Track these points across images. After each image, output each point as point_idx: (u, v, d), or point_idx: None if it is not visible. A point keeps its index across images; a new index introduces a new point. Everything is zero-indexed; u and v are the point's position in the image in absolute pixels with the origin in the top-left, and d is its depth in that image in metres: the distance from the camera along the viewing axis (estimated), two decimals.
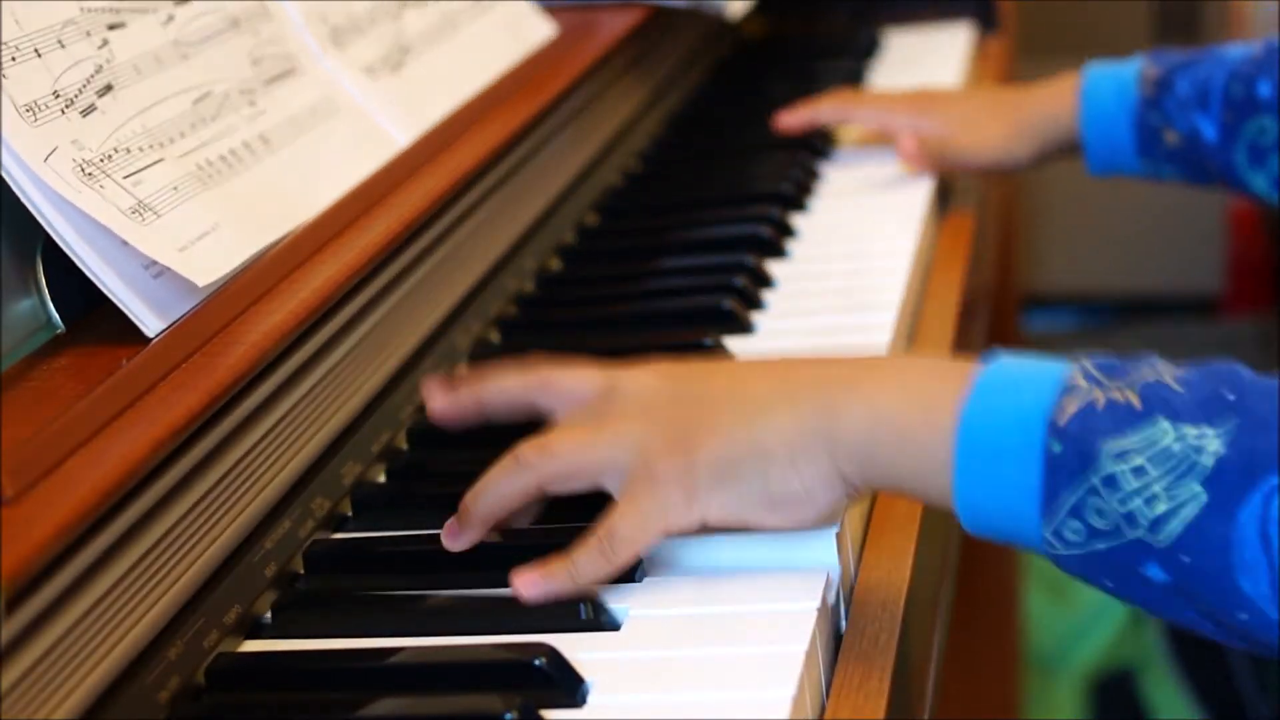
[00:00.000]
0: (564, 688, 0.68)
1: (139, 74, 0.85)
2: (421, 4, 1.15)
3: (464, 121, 1.08)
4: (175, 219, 0.80)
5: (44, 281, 0.78)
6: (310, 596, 0.79)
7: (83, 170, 0.77)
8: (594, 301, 1.12)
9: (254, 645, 0.75)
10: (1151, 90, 1.20)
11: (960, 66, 1.61)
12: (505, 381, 0.82)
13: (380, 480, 0.89)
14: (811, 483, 0.72)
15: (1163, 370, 0.68)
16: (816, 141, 1.38)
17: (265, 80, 0.94)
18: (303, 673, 0.73)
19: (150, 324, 0.77)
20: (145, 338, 0.76)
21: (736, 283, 1.08)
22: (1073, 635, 2.12)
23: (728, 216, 1.23)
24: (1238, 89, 1.15)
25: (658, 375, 0.78)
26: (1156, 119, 1.20)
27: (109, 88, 0.82)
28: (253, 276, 0.82)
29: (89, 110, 0.80)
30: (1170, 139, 1.19)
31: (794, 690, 0.66)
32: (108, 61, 0.83)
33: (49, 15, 0.80)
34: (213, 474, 0.74)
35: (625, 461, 0.75)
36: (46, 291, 0.78)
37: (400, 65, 1.08)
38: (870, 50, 1.70)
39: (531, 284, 1.13)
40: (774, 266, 1.14)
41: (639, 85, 1.41)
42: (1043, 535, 0.67)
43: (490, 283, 1.06)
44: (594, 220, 1.25)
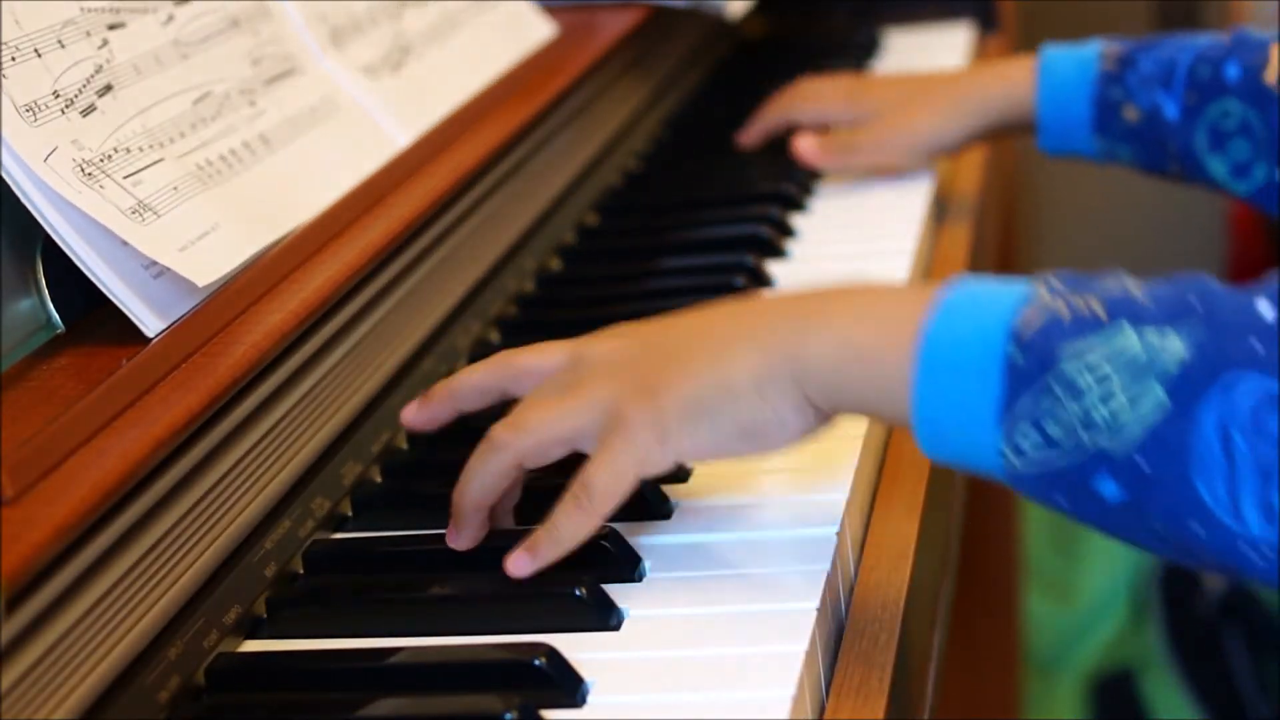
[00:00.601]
0: (564, 688, 0.68)
1: (139, 74, 0.85)
2: (421, 4, 1.15)
3: (464, 121, 1.08)
4: (175, 219, 0.80)
5: (44, 281, 0.78)
6: (310, 596, 0.79)
7: (83, 170, 0.77)
8: (594, 301, 1.12)
9: (254, 645, 0.75)
10: (1113, 65, 1.18)
11: (960, 66, 1.61)
12: (472, 375, 0.82)
13: (380, 480, 0.89)
14: (782, 410, 0.72)
15: (1129, 283, 0.67)
16: None
17: (265, 80, 0.94)
18: (303, 673, 0.73)
19: (150, 324, 0.77)
20: (145, 338, 0.76)
21: (736, 283, 1.08)
22: (1073, 635, 2.12)
23: (728, 216, 1.23)
24: (1204, 70, 1.13)
25: (621, 336, 0.79)
26: (1117, 93, 1.17)
27: (109, 88, 0.82)
28: (253, 276, 0.82)
29: (89, 110, 0.80)
30: (1130, 115, 1.17)
31: (794, 690, 0.66)
32: (108, 61, 0.83)
33: (49, 15, 0.80)
34: (213, 474, 0.74)
35: (597, 419, 0.75)
36: (46, 291, 0.78)
37: (400, 65, 1.08)
38: (870, 50, 1.70)
39: (531, 284, 1.13)
40: (774, 266, 1.14)
41: (639, 85, 1.41)
42: (1000, 449, 0.66)
43: (490, 283, 1.06)
44: (594, 220, 1.25)
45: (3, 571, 0.59)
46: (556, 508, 0.74)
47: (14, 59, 0.77)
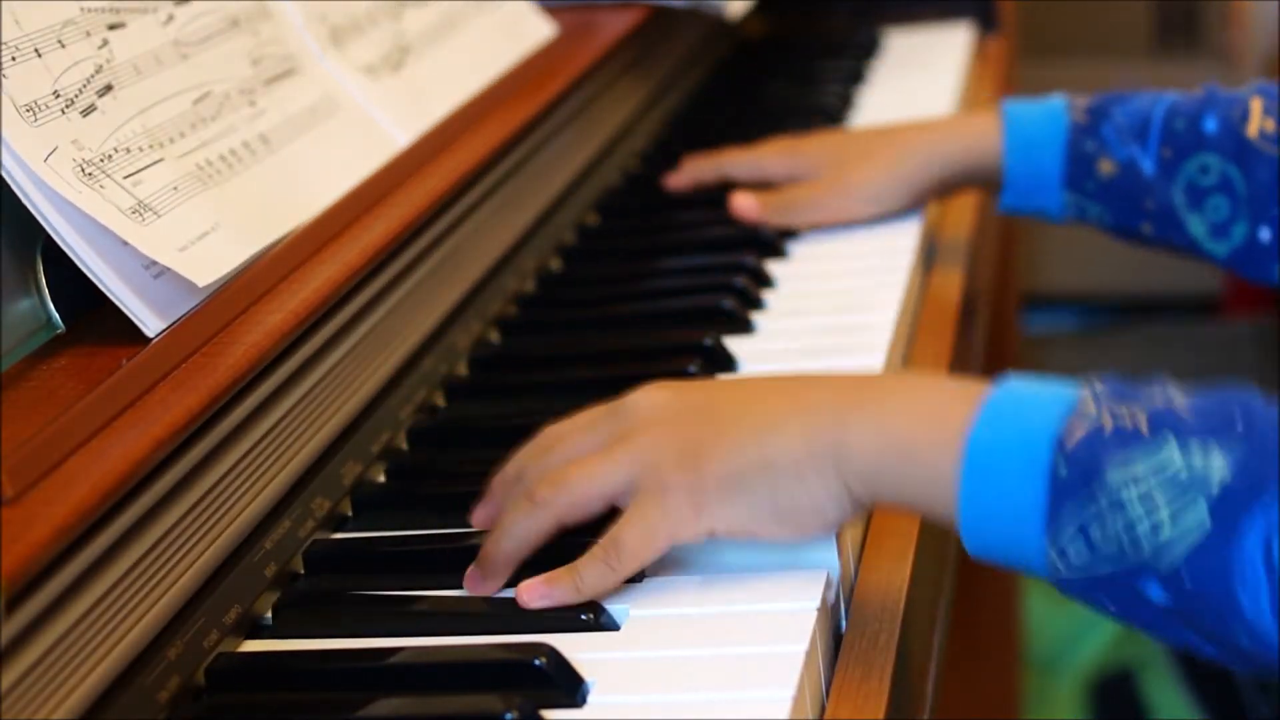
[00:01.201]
0: (564, 688, 0.68)
1: (139, 74, 0.85)
2: (421, 4, 1.15)
3: (464, 121, 1.08)
4: (175, 219, 0.80)
5: (44, 281, 0.78)
6: (310, 596, 0.79)
7: (83, 170, 0.77)
8: (594, 301, 1.12)
9: (254, 645, 0.75)
10: (1084, 117, 1.11)
11: (960, 66, 1.61)
12: (523, 514, 0.76)
13: (380, 480, 0.89)
14: (820, 498, 0.72)
15: (1173, 393, 0.67)
16: None
17: (265, 80, 0.94)
18: (303, 673, 0.73)
19: (150, 324, 0.77)
20: (145, 338, 0.76)
21: (736, 283, 1.08)
22: (1073, 635, 2.12)
23: (728, 216, 1.23)
24: (1179, 123, 1.07)
25: (665, 389, 0.78)
26: (1091, 146, 1.10)
27: (109, 88, 0.82)
28: (253, 276, 0.82)
29: (89, 110, 0.80)
30: (1105, 169, 1.10)
31: (794, 690, 0.66)
32: (108, 61, 0.83)
33: (49, 15, 0.80)
34: (213, 474, 0.74)
35: (637, 476, 0.74)
36: (46, 291, 0.78)
37: (400, 65, 1.08)
38: (870, 50, 1.70)
39: (531, 284, 1.13)
40: (774, 266, 1.14)
41: (639, 85, 1.41)
42: (1046, 556, 0.67)
43: (490, 283, 1.06)
44: (594, 220, 1.25)
45: (3, 571, 0.59)
46: (584, 558, 0.74)
47: (14, 59, 0.77)
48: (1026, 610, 2.09)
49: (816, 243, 1.19)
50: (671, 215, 1.26)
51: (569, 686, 0.68)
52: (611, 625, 0.73)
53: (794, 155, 1.22)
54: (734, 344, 1.00)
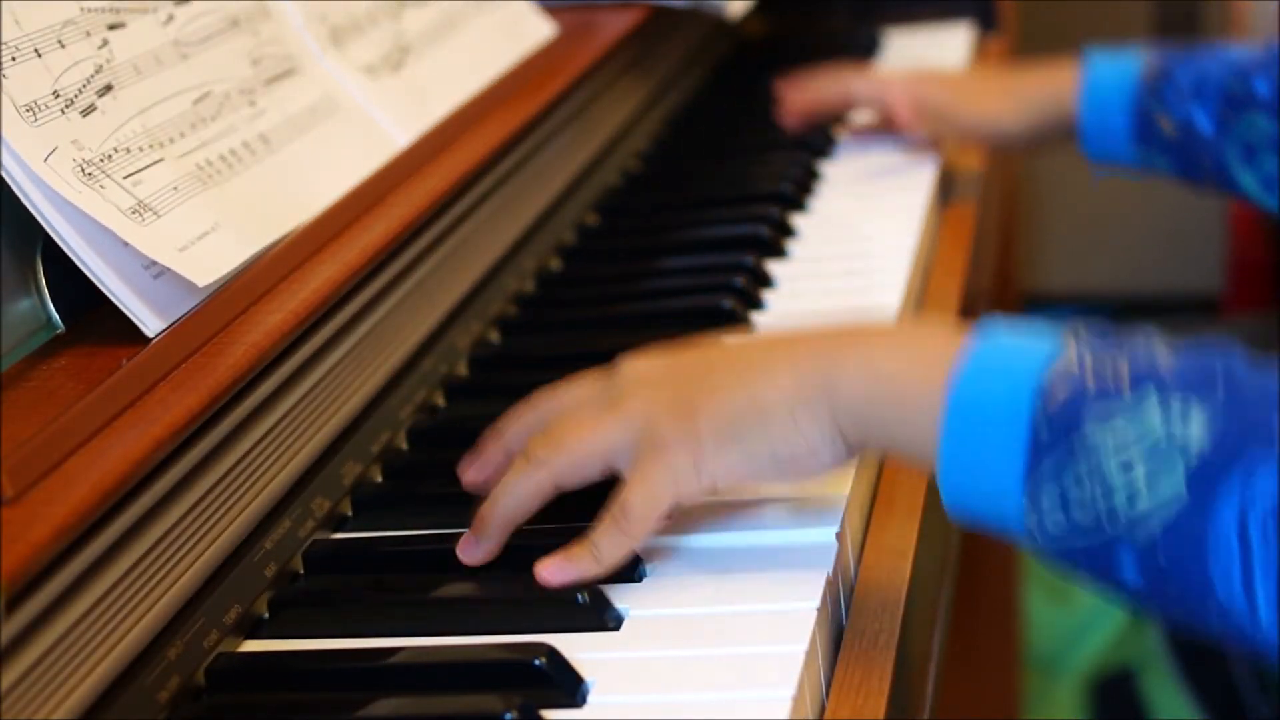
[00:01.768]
0: (564, 688, 0.68)
1: (139, 74, 0.85)
2: (421, 4, 1.15)
3: (464, 121, 1.08)
4: (175, 219, 0.80)
5: (44, 281, 0.78)
6: (310, 596, 0.79)
7: (83, 170, 0.77)
8: (594, 301, 1.12)
9: (254, 645, 0.75)
10: (1152, 77, 1.21)
11: (960, 66, 1.61)
12: (516, 419, 0.82)
13: (380, 480, 0.89)
14: (814, 439, 0.73)
15: (1156, 348, 0.68)
16: (817, 142, 1.38)
17: (265, 80, 0.94)
18: (303, 673, 0.73)
19: (150, 324, 0.77)
20: (145, 338, 0.76)
21: (736, 283, 1.08)
22: (1073, 635, 2.12)
23: (728, 216, 1.23)
24: (1235, 84, 1.16)
25: (656, 354, 0.79)
26: (1155, 106, 1.20)
27: (109, 88, 0.82)
28: (253, 276, 0.82)
29: (89, 110, 0.80)
30: (1166, 128, 1.20)
31: (794, 690, 0.66)
32: (108, 61, 0.83)
33: (49, 15, 0.80)
34: (213, 474, 0.74)
35: (633, 438, 0.75)
36: (46, 291, 0.78)
37: (400, 65, 1.08)
38: (870, 50, 1.70)
39: (531, 284, 1.13)
40: (774, 266, 1.14)
41: (639, 85, 1.41)
42: (1024, 517, 0.67)
43: (490, 283, 1.06)
44: (594, 220, 1.25)
45: (3, 571, 0.59)
46: (596, 527, 0.75)
47: (14, 59, 0.77)
48: (1026, 610, 2.09)
49: (816, 243, 1.19)
50: (671, 215, 1.26)
51: (569, 686, 0.68)
52: (611, 625, 0.73)
53: (920, 82, 1.33)
54: None
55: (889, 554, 0.80)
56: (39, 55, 0.79)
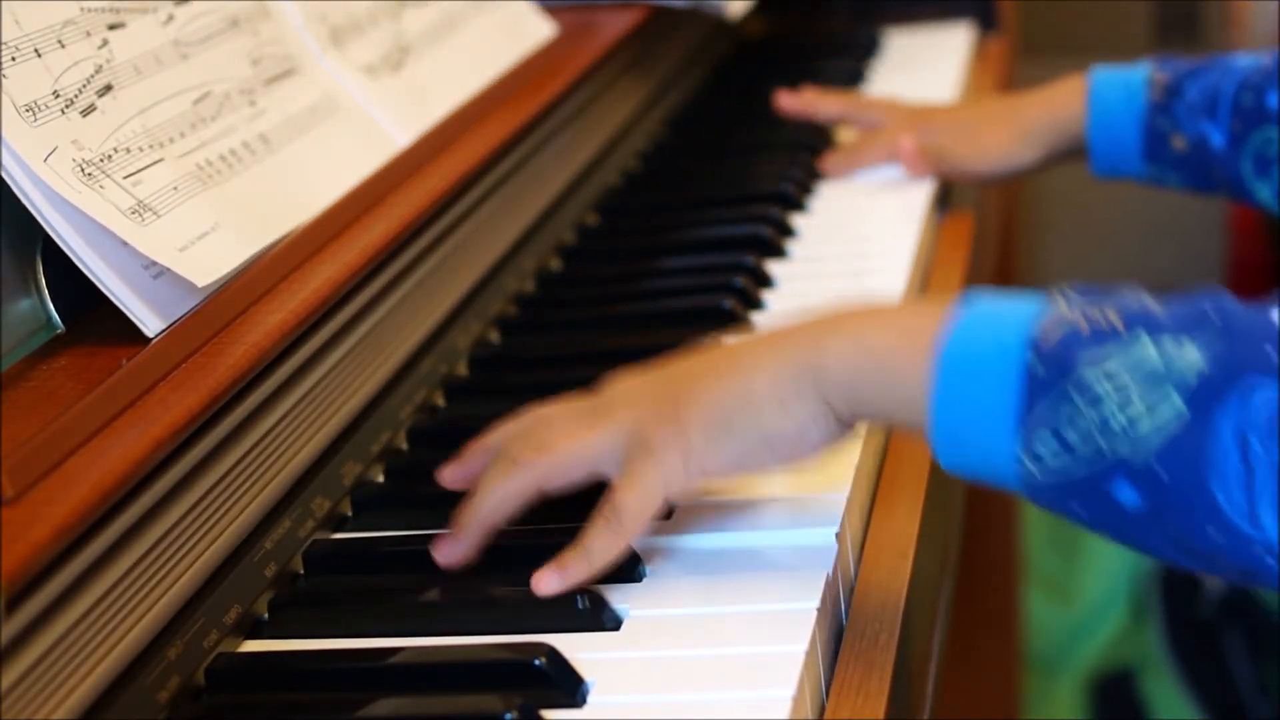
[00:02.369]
0: (564, 688, 0.68)
1: (139, 74, 0.85)
2: (421, 4, 1.15)
3: (464, 121, 1.08)
4: (175, 219, 0.80)
5: (44, 281, 0.78)
6: (310, 596, 0.79)
7: (83, 170, 0.77)
8: (594, 301, 1.12)
9: (254, 645, 0.75)
10: (1161, 95, 1.19)
11: (960, 66, 1.61)
12: (503, 474, 0.78)
13: (380, 480, 0.89)
14: (803, 421, 0.73)
15: (1145, 297, 0.68)
16: (817, 142, 1.38)
17: (265, 80, 0.94)
18: (303, 673, 0.73)
19: (150, 324, 0.77)
20: (145, 338, 0.76)
21: (736, 283, 1.08)
22: (1073, 635, 2.12)
23: (728, 216, 1.23)
24: (1247, 97, 1.14)
25: (642, 373, 0.79)
26: (1165, 124, 1.19)
27: (109, 88, 0.82)
28: (253, 276, 0.82)
29: (89, 110, 0.80)
30: (1178, 145, 1.18)
31: (794, 690, 0.66)
32: (108, 61, 0.83)
33: (49, 15, 0.80)
34: (213, 474, 0.74)
35: (621, 443, 0.75)
36: (46, 291, 0.78)
37: (400, 65, 1.08)
38: (870, 50, 1.70)
39: (531, 284, 1.13)
40: (774, 266, 1.14)
41: (639, 85, 1.41)
42: (1018, 457, 0.67)
43: (490, 283, 1.06)
44: (594, 220, 1.25)
45: (3, 571, 0.59)
46: (587, 529, 0.75)
47: (14, 59, 0.77)
48: (1026, 610, 2.09)
49: (816, 243, 1.19)
50: (671, 215, 1.26)
51: (569, 686, 0.68)
52: (611, 625, 0.73)
53: (923, 121, 1.31)
54: None
55: (889, 554, 0.80)
56: (39, 55, 0.79)
